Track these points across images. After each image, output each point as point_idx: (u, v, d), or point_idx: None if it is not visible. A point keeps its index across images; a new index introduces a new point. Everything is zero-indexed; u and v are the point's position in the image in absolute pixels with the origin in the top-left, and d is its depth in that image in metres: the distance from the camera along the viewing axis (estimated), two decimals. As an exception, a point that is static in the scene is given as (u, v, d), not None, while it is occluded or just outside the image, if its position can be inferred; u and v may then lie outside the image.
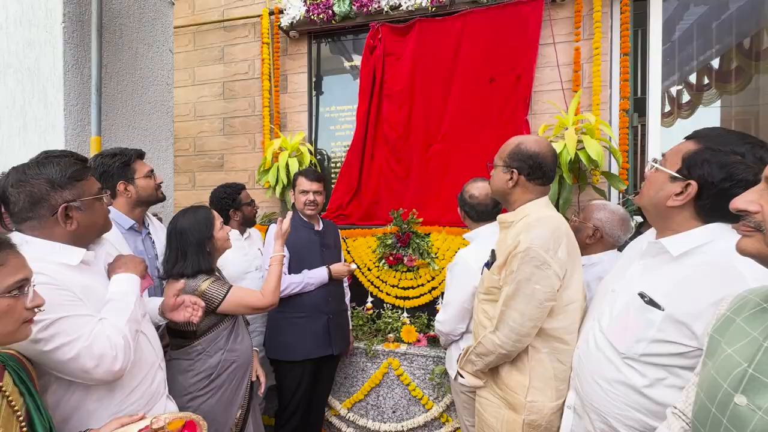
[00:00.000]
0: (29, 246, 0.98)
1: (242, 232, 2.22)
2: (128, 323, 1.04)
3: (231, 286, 1.51)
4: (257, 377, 1.69)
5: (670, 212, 0.97)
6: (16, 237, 1.00)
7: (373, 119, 2.68)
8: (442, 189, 2.55)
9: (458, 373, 1.41)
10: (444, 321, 1.71)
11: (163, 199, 1.72)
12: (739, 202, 0.65)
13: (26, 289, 0.79)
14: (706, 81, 2.82)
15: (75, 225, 1.03)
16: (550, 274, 1.16)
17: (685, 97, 2.92)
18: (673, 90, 2.92)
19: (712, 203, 0.91)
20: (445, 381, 2.20)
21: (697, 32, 2.64)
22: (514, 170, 1.29)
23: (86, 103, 1.96)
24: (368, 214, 2.73)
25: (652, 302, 0.95)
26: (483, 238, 1.69)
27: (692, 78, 2.84)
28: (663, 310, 0.92)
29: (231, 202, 2.16)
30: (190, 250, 1.48)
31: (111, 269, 1.18)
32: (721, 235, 0.91)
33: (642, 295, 0.97)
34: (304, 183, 2.08)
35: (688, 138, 0.98)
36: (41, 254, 0.98)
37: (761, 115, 2.74)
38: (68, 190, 1.01)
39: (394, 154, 2.67)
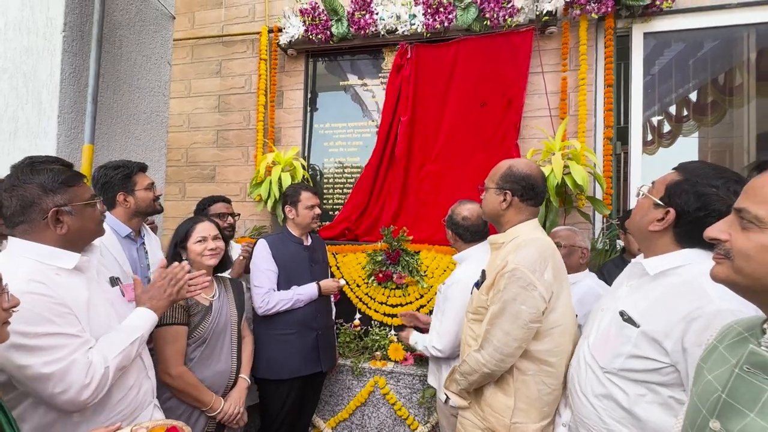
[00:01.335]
0: (25, 249, 0.98)
1: None
2: (119, 357, 1.04)
3: (176, 324, 1.43)
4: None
5: (652, 236, 1.03)
6: (12, 242, 0.99)
7: (393, 138, 2.70)
8: (435, 208, 2.59)
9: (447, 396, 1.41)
10: (444, 348, 1.69)
11: (160, 210, 1.76)
12: (711, 231, 0.69)
13: (1, 290, 0.79)
14: (685, 113, 2.98)
15: (65, 229, 1.03)
16: (536, 296, 1.18)
17: (667, 127, 3.07)
18: (655, 120, 3.07)
19: (687, 230, 0.97)
20: (434, 403, 2.19)
21: (675, 67, 2.80)
22: (508, 192, 1.32)
23: (81, 111, 1.97)
24: (371, 231, 2.73)
25: (629, 320, 1.00)
26: (473, 258, 1.72)
27: (672, 109, 2.99)
28: (638, 327, 0.98)
29: (199, 212, 2.17)
30: (167, 255, 1.55)
31: (139, 298, 1.21)
32: (697, 259, 0.97)
33: (622, 313, 1.03)
34: (311, 198, 2.09)
35: (674, 169, 1.05)
36: (38, 257, 0.99)
37: (735, 147, 2.89)
38: (60, 194, 1.02)
39: (399, 172, 2.71)
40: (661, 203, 0.99)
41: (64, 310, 0.96)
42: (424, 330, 1.95)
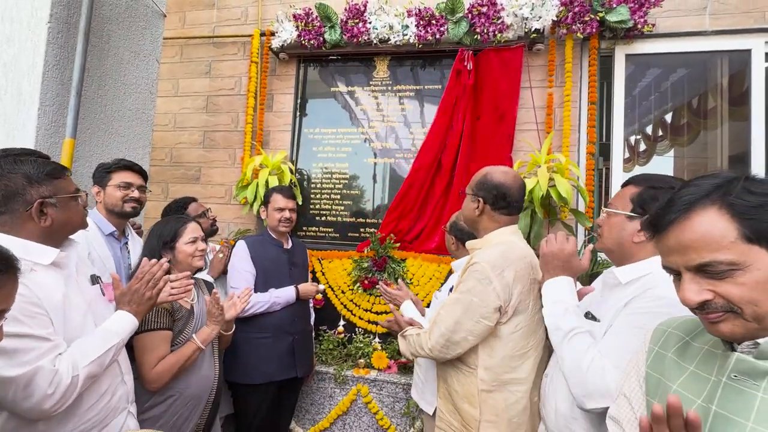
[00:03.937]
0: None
1: None
2: (91, 365, 0.99)
3: (161, 329, 1.35)
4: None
5: (636, 248, 1.05)
6: None
7: (444, 145, 2.61)
8: (431, 219, 2.58)
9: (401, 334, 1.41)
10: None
11: (132, 214, 1.70)
12: (691, 298, 0.63)
13: None
14: (661, 133, 3.11)
15: (49, 221, 1.02)
16: (489, 291, 1.18)
17: (643, 146, 3.19)
18: (632, 139, 3.18)
19: None
20: (417, 413, 2.17)
21: (653, 89, 2.92)
22: (480, 199, 1.33)
23: (63, 105, 1.91)
24: (423, 240, 2.61)
25: (593, 317, 1.06)
26: None
27: (649, 129, 3.11)
28: (599, 321, 1.04)
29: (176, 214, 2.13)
30: (149, 255, 1.43)
31: (118, 299, 1.16)
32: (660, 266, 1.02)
33: (586, 314, 1.08)
34: (280, 200, 2.08)
35: (624, 185, 1.11)
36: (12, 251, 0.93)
37: (708, 167, 3.03)
38: (45, 186, 1.01)
39: (443, 182, 2.63)
40: (636, 214, 1.02)
41: (37, 310, 0.92)
42: None
